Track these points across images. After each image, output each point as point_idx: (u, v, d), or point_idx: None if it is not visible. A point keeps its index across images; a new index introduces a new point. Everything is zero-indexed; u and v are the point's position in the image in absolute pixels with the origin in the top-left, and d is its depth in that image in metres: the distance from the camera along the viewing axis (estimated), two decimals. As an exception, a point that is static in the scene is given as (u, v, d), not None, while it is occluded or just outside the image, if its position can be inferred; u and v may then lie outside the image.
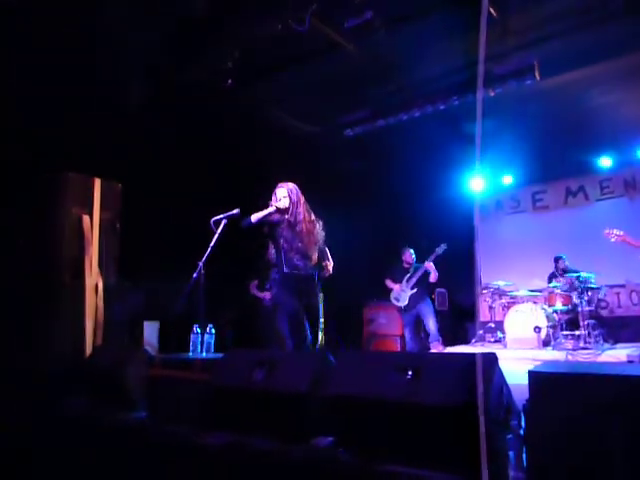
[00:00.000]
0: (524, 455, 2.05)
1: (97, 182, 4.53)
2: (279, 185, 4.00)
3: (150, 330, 5.31)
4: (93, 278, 4.44)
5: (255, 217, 3.87)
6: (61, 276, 4.18)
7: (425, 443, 2.09)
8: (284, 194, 3.92)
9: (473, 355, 2.23)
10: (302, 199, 3.98)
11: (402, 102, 5.62)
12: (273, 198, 3.96)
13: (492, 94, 5.16)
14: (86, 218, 4.46)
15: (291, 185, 4.01)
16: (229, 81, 4.65)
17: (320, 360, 2.50)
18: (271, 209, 3.88)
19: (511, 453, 2.03)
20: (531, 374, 1.87)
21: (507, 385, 2.18)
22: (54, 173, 4.36)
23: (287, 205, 3.88)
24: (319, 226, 4.06)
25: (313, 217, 4.00)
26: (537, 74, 4.95)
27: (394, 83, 5.41)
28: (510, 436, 2.02)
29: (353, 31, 3.82)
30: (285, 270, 3.83)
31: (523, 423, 2.14)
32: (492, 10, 4.33)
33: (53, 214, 4.26)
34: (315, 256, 3.97)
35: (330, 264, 4.19)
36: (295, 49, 4.91)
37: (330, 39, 4.63)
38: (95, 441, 3.34)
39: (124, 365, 3.56)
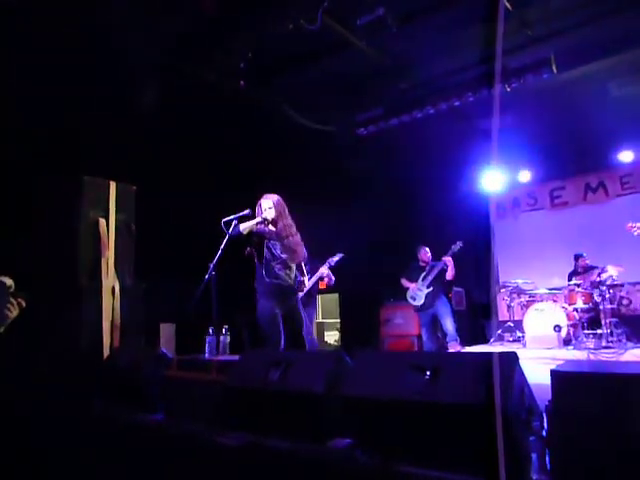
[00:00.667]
0: (547, 457, 1.99)
1: (112, 185, 4.57)
2: (264, 196, 4.08)
3: (167, 332, 5.34)
4: (110, 280, 4.47)
5: (243, 226, 3.94)
6: (78, 278, 4.21)
7: (444, 444, 2.05)
8: (269, 205, 3.99)
9: (492, 354, 2.18)
10: (286, 211, 4.06)
11: (415, 100, 5.56)
12: (257, 210, 4.04)
13: (508, 89, 5.07)
14: (102, 221, 4.50)
15: (276, 197, 4.07)
16: (241, 82, 4.63)
17: (336, 360, 2.47)
18: (259, 219, 3.95)
19: (534, 455, 1.97)
20: (554, 374, 1.81)
21: (528, 385, 2.12)
22: (70, 176, 4.40)
23: (273, 216, 3.95)
24: (299, 238, 4.13)
25: (295, 229, 4.08)
26: (554, 67, 4.84)
27: (407, 80, 5.36)
28: (532, 438, 1.97)
29: (365, 28, 3.77)
30: (267, 280, 3.90)
31: (545, 424, 2.08)
32: (507, 3, 4.26)
33: (70, 217, 4.30)
34: (294, 267, 4.09)
35: (305, 279, 4.33)
36: (306, 48, 4.90)
37: (342, 37, 4.60)
38: (113, 441, 3.36)
39: (141, 367, 3.58)
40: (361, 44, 4.53)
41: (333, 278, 6.10)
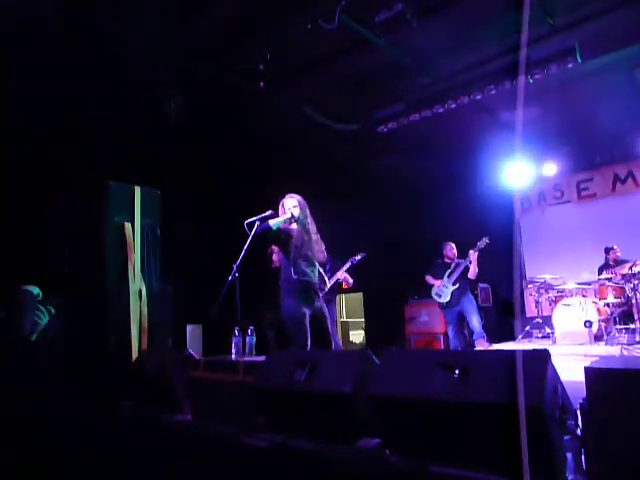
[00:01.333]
0: (582, 457, 1.94)
1: (137, 190, 4.65)
2: (287, 196, 4.10)
3: (194, 333, 5.40)
4: (136, 284, 4.55)
5: (273, 222, 3.93)
6: (106, 283, 4.30)
7: (474, 444, 2.01)
8: (294, 204, 4.01)
9: (522, 352, 2.13)
10: (308, 210, 4.11)
11: (436, 94, 5.49)
12: (281, 210, 4.06)
13: (531, 81, 4.96)
14: (128, 225, 4.59)
15: (299, 197, 4.11)
16: (261, 84, 4.65)
17: (363, 359, 2.45)
18: (287, 215, 3.96)
19: (569, 454, 1.92)
20: (588, 371, 1.76)
21: (562, 383, 2.07)
22: (96, 182, 4.49)
23: (299, 214, 3.97)
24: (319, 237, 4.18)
25: (315, 228, 4.14)
26: (579, 56, 4.72)
27: (427, 75, 5.28)
28: (567, 437, 1.92)
29: (384, 25, 3.74)
30: (294, 277, 3.90)
31: (580, 423, 2.03)
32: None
33: (96, 222, 4.39)
34: (317, 266, 4.11)
35: (326, 278, 4.36)
36: (325, 48, 4.88)
37: (360, 35, 4.57)
38: (142, 441, 3.41)
39: (168, 368, 3.63)
40: (380, 41, 4.49)
41: (350, 280, 6.10)
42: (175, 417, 3.38)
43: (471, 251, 6.48)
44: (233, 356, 3.67)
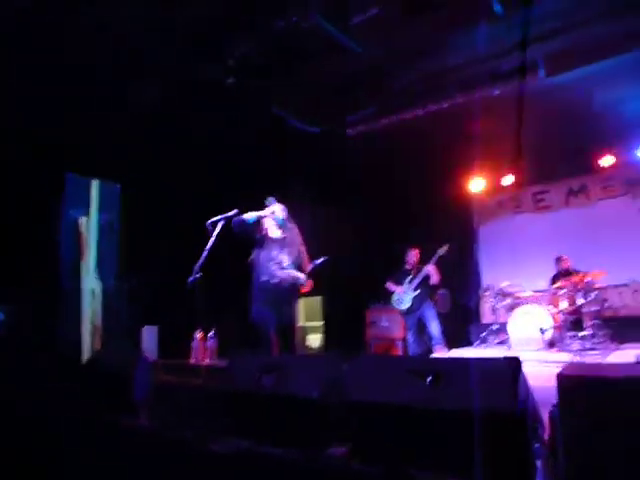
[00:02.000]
0: (550, 463, 1.95)
1: (95, 183, 4.44)
2: (271, 201, 4.15)
3: (149, 334, 5.18)
4: (90, 281, 4.34)
5: (249, 215, 3.88)
6: (58, 279, 4.07)
7: (445, 450, 1.99)
8: (280, 207, 4.09)
9: (495, 359, 2.14)
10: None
11: (405, 100, 5.53)
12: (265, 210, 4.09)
13: (497, 92, 5.08)
14: (83, 220, 4.37)
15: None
16: (230, 79, 4.54)
17: (332, 365, 2.40)
18: (267, 211, 3.97)
19: (538, 462, 1.93)
20: (561, 378, 1.77)
21: (531, 391, 2.08)
22: (51, 174, 4.25)
23: (284, 215, 4.02)
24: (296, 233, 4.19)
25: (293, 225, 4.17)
26: (544, 71, 4.87)
27: (398, 81, 5.32)
28: (537, 445, 1.93)
29: (358, 28, 3.72)
30: (263, 279, 3.86)
31: (549, 430, 2.04)
32: (499, 5, 4.27)
33: (49, 216, 4.15)
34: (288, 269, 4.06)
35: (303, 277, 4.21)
36: (297, 47, 4.82)
37: (333, 36, 4.54)
38: (93, 446, 3.23)
39: (125, 370, 3.46)
40: (352, 44, 4.48)
41: (312, 283, 6.05)
42: (132, 421, 3.22)
43: (428, 265, 6.57)
44: (193, 359, 3.53)
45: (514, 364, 1.92)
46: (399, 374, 2.14)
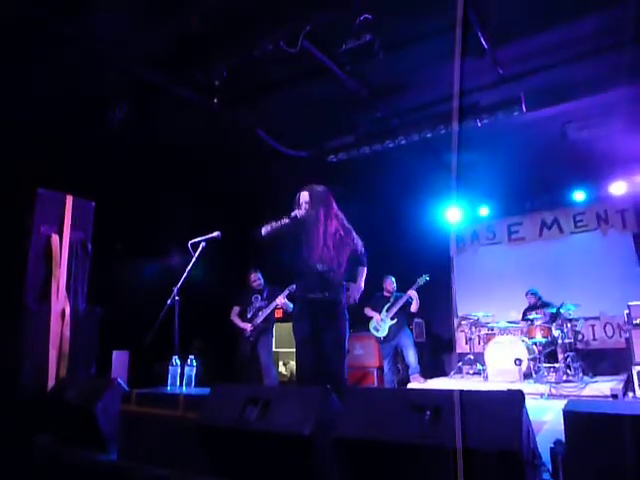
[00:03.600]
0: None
1: (69, 199, 4.24)
2: (304, 188, 3.57)
3: (119, 360, 4.91)
4: (60, 303, 4.10)
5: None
6: (25, 300, 3.83)
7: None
8: (305, 199, 3.48)
9: (497, 393, 2.07)
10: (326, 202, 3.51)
11: (389, 129, 5.58)
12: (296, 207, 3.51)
13: (479, 124, 5.17)
14: (55, 237, 4.15)
15: (317, 187, 3.58)
16: (215, 100, 4.47)
17: (323, 398, 2.28)
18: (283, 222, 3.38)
19: (541, 502, 1.86)
20: (568, 415, 1.71)
21: (531, 425, 2.02)
22: (22, 188, 4.05)
23: (302, 215, 3.38)
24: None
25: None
26: (524, 107, 5.00)
27: (382, 109, 5.36)
28: (542, 484, 1.85)
29: (348, 54, 3.72)
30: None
31: (550, 467, 1.97)
32: (483, 40, 4.37)
33: (20, 232, 3.93)
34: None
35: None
36: (283, 71, 4.82)
37: (321, 62, 4.55)
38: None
39: (93, 400, 3.24)
40: (340, 71, 4.50)
41: (291, 305, 5.89)
42: (98, 456, 3.00)
43: (409, 291, 6.55)
44: (169, 388, 3.33)
45: (518, 397, 1.85)
46: (397, 409, 2.04)
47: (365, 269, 3.71)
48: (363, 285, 3.74)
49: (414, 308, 6.56)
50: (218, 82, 4.46)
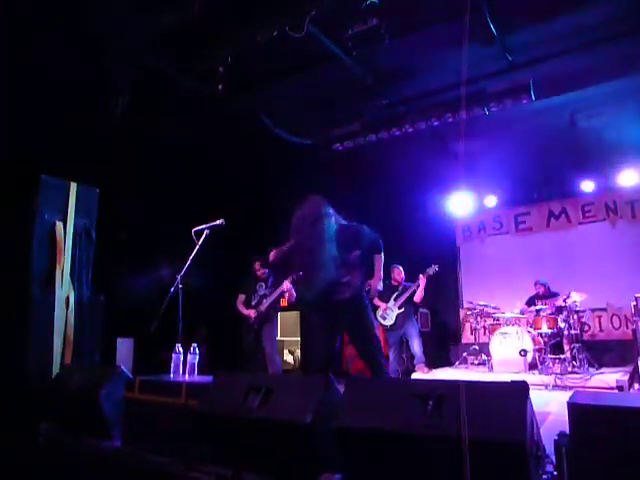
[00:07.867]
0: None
1: (73, 186, 4.22)
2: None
3: (124, 347, 4.92)
4: (64, 290, 4.10)
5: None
6: (29, 287, 3.82)
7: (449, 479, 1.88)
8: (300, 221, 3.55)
9: (501, 384, 2.04)
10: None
11: (395, 116, 5.50)
12: None
13: (487, 113, 5.09)
14: (59, 225, 4.14)
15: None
16: (220, 86, 4.42)
17: (325, 387, 2.26)
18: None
19: (545, 494, 1.83)
20: (572, 406, 1.68)
21: (535, 417, 1.99)
22: (26, 175, 4.04)
23: None
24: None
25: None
26: (533, 94, 4.91)
27: (389, 97, 5.29)
28: (545, 477, 1.83)
29: (354, 39, 3.65)
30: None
31: (554, 459, 1.95)
32: (492, 26, 4.28)
33: (23, 219, 3.92)
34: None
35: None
36: (288, 58, 4.76)
37: (326, 48, 4.49)
38: (62, 471, 3.00)
39: (97, 387, 3.25)
40: (345, 56, 4.43)
41: (295, 294, 5.87)
42: (102, 443, 3.01)
43: (421, 276, 6.51)
44: (171, 375, 3.33)
45: (522, 389, 1.82)
46: (399, 398, 2.02)
47: (381, 256, 3.70)
48: (382, 273, 3.74)
49: (417, 298, 6.52)
50: (222, 69, 4.40)
